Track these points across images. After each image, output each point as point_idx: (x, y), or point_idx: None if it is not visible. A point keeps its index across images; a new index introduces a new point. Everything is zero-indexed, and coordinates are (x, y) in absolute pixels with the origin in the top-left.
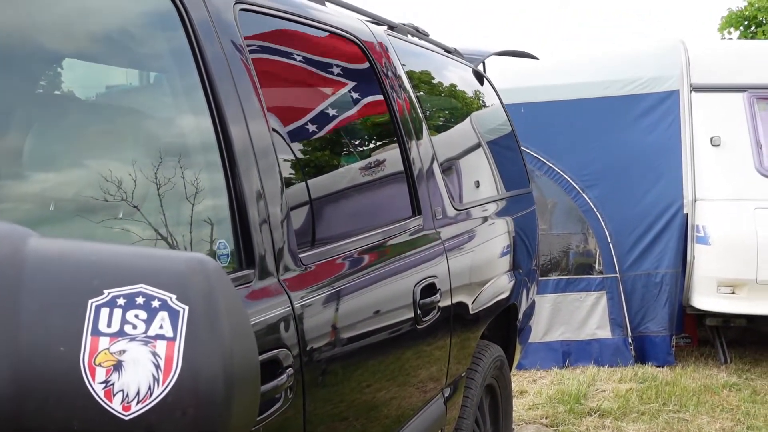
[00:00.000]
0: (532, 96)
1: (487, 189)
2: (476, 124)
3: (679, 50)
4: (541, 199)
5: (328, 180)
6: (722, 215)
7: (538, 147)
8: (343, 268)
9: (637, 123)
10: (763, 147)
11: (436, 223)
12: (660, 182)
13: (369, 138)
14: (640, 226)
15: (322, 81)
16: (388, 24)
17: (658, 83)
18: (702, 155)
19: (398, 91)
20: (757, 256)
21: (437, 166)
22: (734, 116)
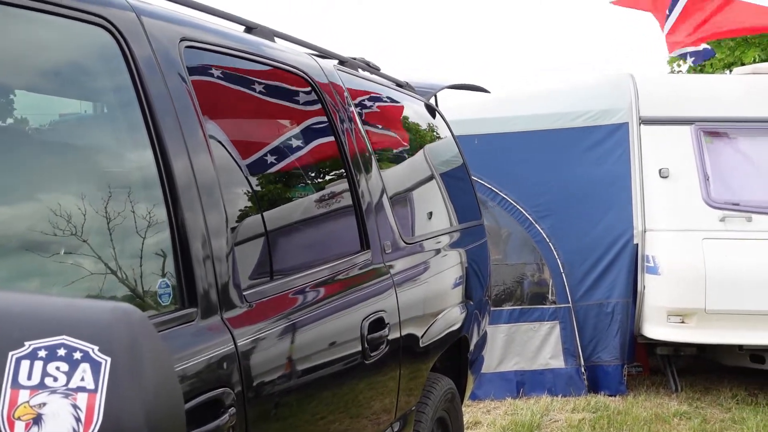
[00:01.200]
0: (485, 128)
1: (440, 221)
2: (428, 156)
3: (628, 83)
4: (496, 229)
5: (275, 215)
6: (671, 246)
7: (492, 178)
8: (288, 304)
9: (588, 155)
10: (710, 179)
11: (386, 257)
12: (611, 213)
13: (317, 172)
14: (592, 257)
15: (270, 116)
16: (339, 59)
17: (608, 116)
18: (651, 187)
19: (347, 125)
20: (706, 286)
21: (387, 200)
22: (682, 148)
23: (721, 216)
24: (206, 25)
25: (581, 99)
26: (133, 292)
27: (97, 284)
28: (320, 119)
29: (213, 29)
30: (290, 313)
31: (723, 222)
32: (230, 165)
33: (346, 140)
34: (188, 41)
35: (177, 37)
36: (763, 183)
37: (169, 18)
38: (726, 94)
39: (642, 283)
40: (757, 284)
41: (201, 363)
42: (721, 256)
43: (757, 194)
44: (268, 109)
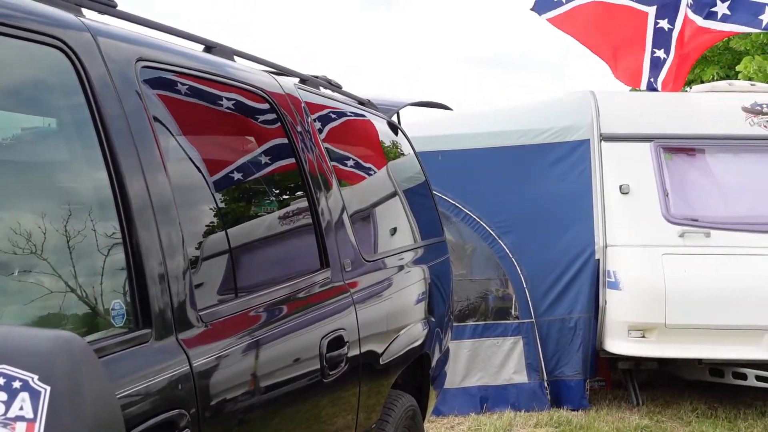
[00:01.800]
0: (449, 144)
1: (402, 238)
2: (390, 173)
3: (589, 101)
4: (460, 245)
5: (234, 233)
6: (632, 261)
7: (455, 194)
8: (246, 323)
9: (550, 171)
10: (670, 195)
11: (345, 275)
12: (573, 229)
13: (276, 191)
14: (555, 272)
15: (228, 135)
16: (300, 77)
17: (570, 133)
18: (612, 203)
19: (307, 144)
20: (666, 301)
21: (347, 218)
22: (642, 165)
23: (681, 232)
24: (164, 45)
25: (543, 116)
26: (86, 313)
27: (48, 306)
28: (280, 137)
29: (170, 49)
30: (247, 333)
31: (682, 238)
32: (188, 183)
33: (306, 158)
34: (145, 61)
35: (133, 57)
36: (721, 199)
37: (126, 38)
38: (685, 112)
39: (603, 298)
40: (715, 299)
41: (155, 384)
42: (681, 271)
43: (716, 210)
44: (226, 128)
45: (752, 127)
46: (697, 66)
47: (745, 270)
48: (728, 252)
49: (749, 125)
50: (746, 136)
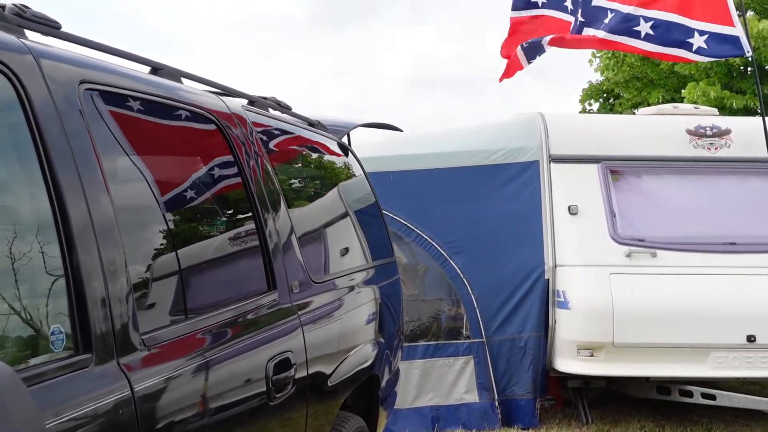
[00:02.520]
0: (401, 164)
1: (352, 259)
2: (340, 194)
3: (538, 123)
4: (413, 265)
5: (179, 256)
6: (580, 281)
7: (407, 214)
8: (190, 347)
9: (500, 192)
10: (617, 215)
11: (293, 296)
12: (523, 249)
13: (223, 213)
14: (505, 292)
15: (174, 157)
16: (248, 98)
17: (519, 154)
18: (561, 223)
19: (255, 165)
20: (613, 320)
21: (295, 239)
22: (590, 186)
23: (627, 252)
24: (109, 67)
25: (494, 137)
26: (24, 338)
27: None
28: (227, 159)
29: (115, 70)
30: (192, 356)
31: (629, 257)
32: (132, 205)
33: (253, 180)
34: (89, 83)
35: (77, 79)
36: (667, 220)
37: (69, 60)
38: (631, 134)
39: (553, 317)
40: (661, 318)
41: (94, 410)
42: (628, 290)
43: (661, 231)
44: (172, 150)
45: (696, 150)
46: (644, 89)
47: (690, 289)
48: (674, 271)
49: (693, 147)
50: (690, 158)
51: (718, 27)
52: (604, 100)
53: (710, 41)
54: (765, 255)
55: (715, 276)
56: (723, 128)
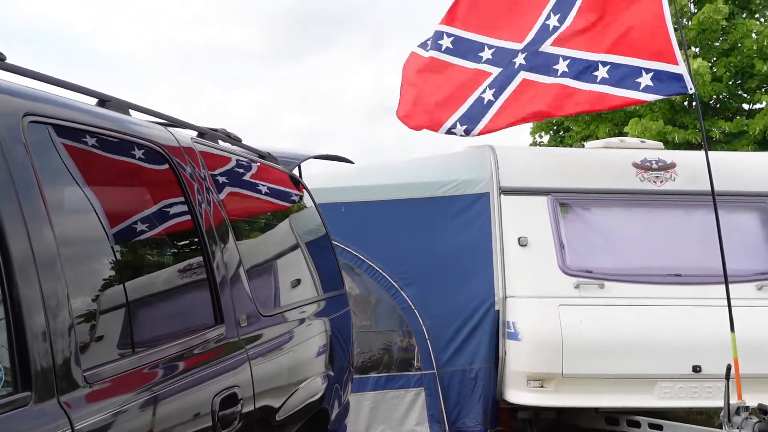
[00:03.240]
0: (353, 195)
1: (302, 291)
2: (291, 226)
3: (488, 155)
4: (365, 296)
5: (125, 290)
6: (530, 312)
7: (359, 245)
8: (134, 383)
9: (452, 223)
10: (566, 247)
11: (241, 330)
12: (473, 280)
13: (169, 246)
14: (456, 323)
15: (121, 189)
16: (198, 130)
17: (470, 186)
18: (511, 255)
19: (203, 197)
20: (562, 351)
21: (243, 272)
22: (539, 218)
23: (576, 283)
24: (54, 99)
25: (445, 169)
26: None
27: None
28: (174, 191)
29: (61, 103)
30: (136, 393)
31: (578, 289)
32: (76, 238)
33: (202, 212)
34: (33, 116)
35: (20, 111)
36: (614, 251)
37: (13, 92)
38: (580, 167)
39: (503, 348)
40: (610, 349)
41: None
42: (576, 321)
43: (609, 262)
44: (118, 182)
45: (642, 183)
46: (593, 123)
47: (637, 320)
48: (621, 302)
49: (639, 180)
50: (637, 191)
51: (663, 65)
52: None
53: (656, 79)
54: (709, 286)
55: (661, 307)
56: (668, 162)
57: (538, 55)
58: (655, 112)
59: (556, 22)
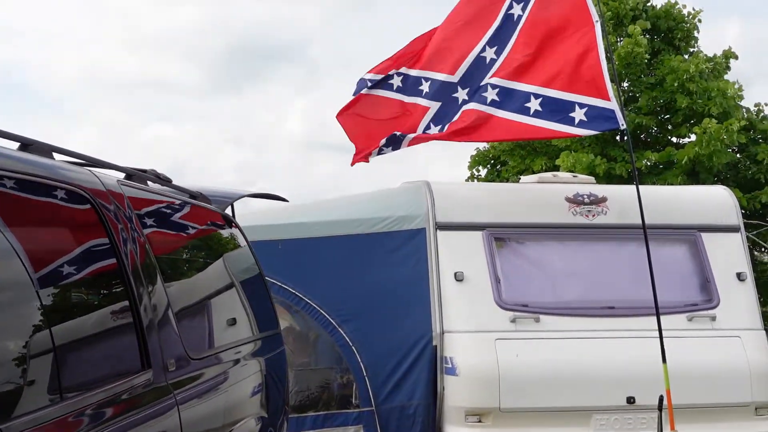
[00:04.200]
0: (289, 233)
1: (235, 332)
2: (223, 267)
3: (424, 191)
4: (303, 333)
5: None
6: (467, 347)
7: (296, 282)
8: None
9: (388, 259)
10: (501, 281)
11: (169, 375)
12: (411, 316)
13: (94, 290)
14: (394, 359)
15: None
16: (126, 172)
17: (407, 222)
18: (447, 290)
19: (129, 240)
20: (499, 385)
21: (172, 315)
22: (475, 253)
23: (512, 317)
24: None
25: (381, 205)
26: None
27: None
28: (99, 235)
29: None
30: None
31: (514, 323)
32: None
33: (128, 255)
34: None
35: None
36: (549, 285)
37: None
38: (514, 202)
39: (441, 384)
40: (545, 382)
41: None
42: (513, 355)
43: (544, 296)
44: (42, 227)
45: (575, 217)
46: (528, 157)
47: (572, 353)
48: (556, 336)
49: (572, 215)
50: (570, 225)
51: (596, 101)
52: (491, 167)
53: (589, 114)
54: (642, 318)
55: (595, 340)
56: (600, 196)
57: (475, 87)
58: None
59: (493, 55)
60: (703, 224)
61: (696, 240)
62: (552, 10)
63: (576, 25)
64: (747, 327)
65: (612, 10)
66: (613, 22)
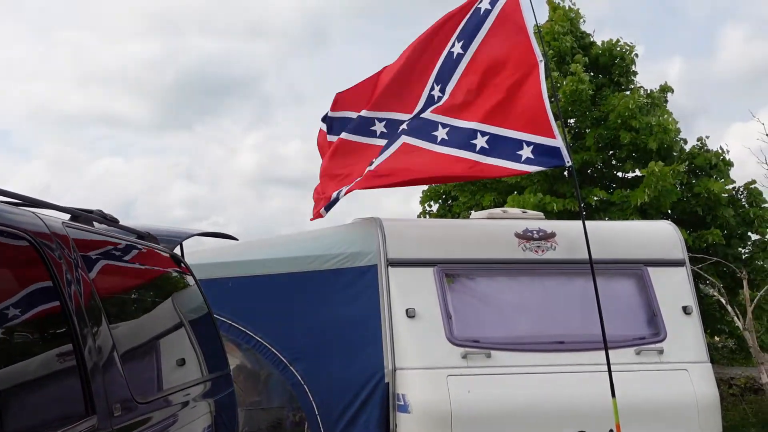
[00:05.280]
0: (240, 270)
1: (184, 374)
2: (172, 307)
3: (375, 228)
4: (255, 371)
5: None
6: (419, 384)
7: (246, 321)
8: None
9: (340, 296)
10: (453, 317)
11: (114, 420)
12: (363, 353)
13: (38, 335)
14: (346, 398)
15: None
16: (72, 213)
17: (358, 258)
18: (399, 326)
19: (73, 283)
20: (452, 422)
21: (117, 359)
22: (426, 289)
23: (463, 353)
24: None
25: (333, 242)
26: None
27: None
28: (42, 278)
29: None
30: None
31: (465, 359)
32: None
33: (72, 298)
34: None
35: None
36: (500, 320)
37: None
38: (465, 238)
39: (394, 421)
40: (498, 418)
41: None
42: (464, 391)
43: (495, 331)
44: None
45: (525, 252)
46: (478, 192)
47: (523, 388)
48: (507, 371)
49: (522, 250)
50: (520, 260)
51: (542, 138)
52: (443, 201)
53: (536, 152)
54: (591, 352)
55: (546, 374)
56: (548, 231)
57: (419, 121)
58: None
59: (439, 92)
60: (649, 258)
61: (643, 274)
62: (497, 49)
63: (520, 65)
64: (693, 360)
65: (554, 49)
66: (555, 59)
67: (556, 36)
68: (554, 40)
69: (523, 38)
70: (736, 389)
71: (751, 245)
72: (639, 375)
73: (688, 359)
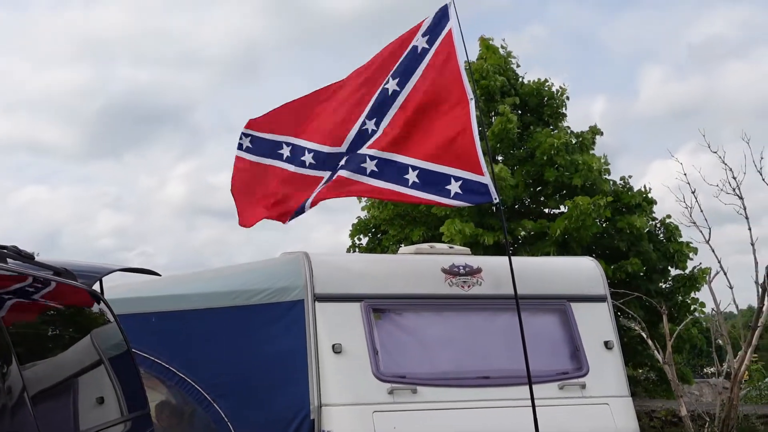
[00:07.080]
0: (163, 305)
1: (100, 414)
2: (90, 345)
3: (303, 262)
4: (180, 407)
5: None
6: (345, 420)
7: (170, 356)
8: None
9: (266, 332)
10: (379, 353)
11: None
12: (288, 389)
13: None
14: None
15: None
16: None
17: (285, 293)
18: (325, 362)
19: None
20: None
21: (28, 399)
22: (353, 324)
23: (390, 389)
24: None
25: (259, 276)
26: None
27: None
28: None
29: None
30: None
31: (392, 395)
32: None
33: None
34: None
35: None
36: (426, 356)
37: None
38: (392, 273)
39: None
40: None
41: None
42: (390, 428)
43: (422, 367)
44: None
45: (451, 287)
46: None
47: (449, 424)
48: (433, 407)
49: (449, 285)
50: (446, 296)
51: (470, 174)
52: (372, 235)
53: (464, 188)
54: (516, 387)
55: (470, 410)
56: (475, 267)
57: (353, 156)
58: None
59: (373, 126)
60: (572, 294)
61: (566, 310)
62: (432, 87)
63: (452, 102)
64: (615, 394)
65: (482, 88)
66: (484, 98)
67: (484, 74)
68: (483, 79)
69: (456, 76)
70: (657, 422)
71: (671, 280)
72: (562, 410)
73: (610, 393)
